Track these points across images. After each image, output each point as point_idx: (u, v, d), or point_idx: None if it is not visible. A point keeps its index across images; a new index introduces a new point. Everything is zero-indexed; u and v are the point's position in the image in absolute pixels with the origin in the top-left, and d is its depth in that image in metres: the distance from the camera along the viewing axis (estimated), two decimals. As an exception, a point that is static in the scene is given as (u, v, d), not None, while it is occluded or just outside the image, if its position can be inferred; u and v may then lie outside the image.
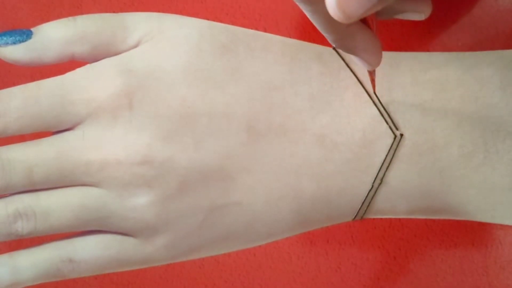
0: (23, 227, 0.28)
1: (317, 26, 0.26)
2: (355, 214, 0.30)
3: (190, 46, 0.29)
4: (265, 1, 0.39)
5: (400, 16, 0.29)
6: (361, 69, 0.30)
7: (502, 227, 0.35)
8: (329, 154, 0.29)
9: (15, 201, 0.29)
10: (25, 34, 0.29)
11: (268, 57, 0.30)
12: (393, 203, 0.30)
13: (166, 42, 0.29)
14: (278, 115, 0.29)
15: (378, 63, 0.27)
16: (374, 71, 0.28)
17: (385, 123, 0.29)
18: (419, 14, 0.29)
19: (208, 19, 0.30)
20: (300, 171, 0.29)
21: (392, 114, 0.29)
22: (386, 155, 0.29)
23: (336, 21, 0.24)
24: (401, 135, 0.29)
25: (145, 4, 0.41)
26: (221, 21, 0.30)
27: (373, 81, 0.29)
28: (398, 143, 0.29)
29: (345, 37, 0.26)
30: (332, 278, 0.38)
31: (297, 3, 0.24)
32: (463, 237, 0.36)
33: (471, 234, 0.36)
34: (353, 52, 0.26)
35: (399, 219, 0.37)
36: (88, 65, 0.29)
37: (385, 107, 0.29)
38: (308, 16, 0.25)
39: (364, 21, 0.26)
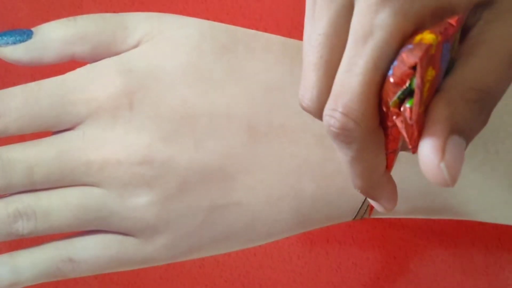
0: (23, 227, 0.28)
1: (352, 173, 0.24)
2: (355, 214, 0.30)
3: (190, 46, 0.29)
4: (265, 1, 0.39)
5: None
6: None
7: (502, 227, 0.35)
8: (329, 154, 0.29)
9: (15, 201, 0.29)
10: (25, 34, 0.29)
11: (268, 57, 0.30)
12: (393, 203, 0.30)
13: (166, 42, 0.29)
14: (278, 116, 0.29)
15: (393, 208, 0.26)
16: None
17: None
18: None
19: (208, 19, 0.30)
20: (300, 171, 0.29)
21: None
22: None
23: (373, 170, 0.23)
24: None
25: (145, 4, 0.41)
26: (221, 21, 0.30)
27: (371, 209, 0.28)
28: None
29: (376, 186, 0.24)
30: (332, 278, 0.38)
31: (337, 147, 0.22)
32: (463, 237, 0.36)
33: (471, 234, 0.36)
34: (376, 200, 0.25)
35: (399, 219, 0.37)
36: (88, 65, 0.29)
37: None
38: (343, 160, 0.23)
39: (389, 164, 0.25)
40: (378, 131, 0.22)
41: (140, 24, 0.29)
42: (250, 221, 0.29)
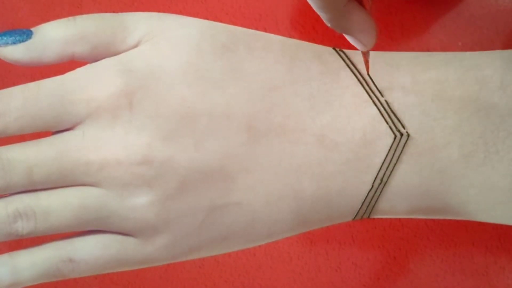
0: (23, 227, 0.28)
1: (313, 4, 0.25)
2: (355, 214, 0.30)
3: (190, 46, 0.29)
4: (265, 1, 0.39)
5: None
6: (362, 69, 0.30)
7: (502, 227, 0.35)
8: (329, 154, 0.29)
9: (15, 201, 0.29)
10: (25, 34, 0.29)
11: (268, 57, 0.30)
12: (393, 203, 0.30)
13: (166, 42, 0.29)
14: (278, 115, 0.29)
15: (372, 44, 0.27)
16: (368, 52, 0.28)
17: (385, 123, 0.29)
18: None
19: (208, 19, 0.30)
20: (300, 171, 0.29)
21: (392, 114, 0.29)
22: (386, 155, 0.29)
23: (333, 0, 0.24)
24: (401, 134, 0.29)
25: (145, 4, 0.41)
26: (221, 21, 0.30)
27: (367, 62, 0.28)
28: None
29: (341, 16, 0.26)
30: (332, 278, 0.38)
31: None
32: (463, 237, 0.36)
33: (471, 234, 0.36)
34: (348, 32, 0.26)
35: (399, 219, 0.37)
36: (88, 65, 0.29)
37: (385, 107, 0.29)
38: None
39: (359, 1, 0.26)
40: None
41: (140, 24, 0.29)
42: (250, 221, 0.29)
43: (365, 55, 0.28)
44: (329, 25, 0.26)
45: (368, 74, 0.29)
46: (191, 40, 0.29)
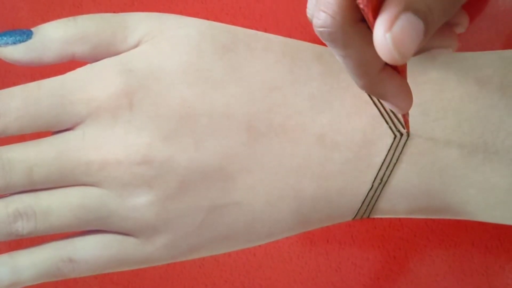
0: (23, 227, 0.28)
1: (349, 71, 0.24)
2: (355, 214, 0.30)
3: (190, 46, 0.29)
4: (265, 1, 0.39)
5: (428, 53, 0.29)
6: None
7: (502, 227, 0.35)
8: (329, 154, 0.29)
9: (15, 201, 0.29)
10: (25, 34, 0.29)
11: (268, 57, 0.30)
12: (393, 203, 0.30)
13: (166, 42, 0.29)
14: (278, 115, 0.29)
15: (409, 108, 0.26)
16: (408, 113, 0.27)
17: (385, 123, 0.29)
18: (447, 49, 0.28)
19: (208, 19, 0.30)
20: (300, 171, 0.29)
21: (392, 114, 0.29)
22: (386, 155, 0.29)
23: (368, 66, 0.24)
24: (401, 134, 0.29)
25: (145, 4, 0.41)
26: (221, 21, 0.30)
27: (406, 122, 0.28)
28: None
29: (377, 82, 0.25)
30: (332, 278, 0.38)
31: (330, 47, 0.24)
32: (463, 237, 0.36)
33: (471, 234, 0.36)
34: (384, 98, 0.25)
35: (399, 219, 0.37)
36: (88, 65, 0.29)
37: (386, 107, 0.29)
38: (340, 61, 0.24)
39: (394, 66, 0.25)
40: (360, 25, 0.23)
41: (140, 24, 0.29)
42: (250, 221, 0.29)
43: (405, 116, 0.28)
44: (364, 90, 0.26)
45: (408, 133, 0.29)
46: (191, 40, 0.29)
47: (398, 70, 0.25)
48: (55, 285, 0.32)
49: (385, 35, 0.20)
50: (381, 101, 0.27)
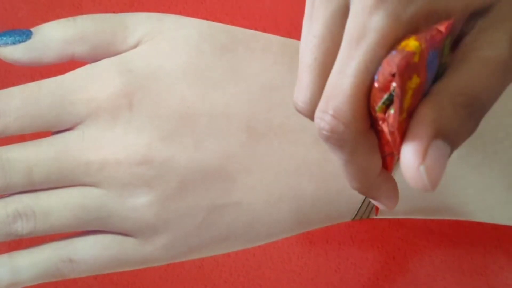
0: (22, 227, 0.28)
1: (346, 174, 0.24)
2: (355, 214, 0.30)
3: (190, 46, 0.29)
4: (265, 1, 0.39)
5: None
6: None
7: (501, 227, 0.35)
8: (328, 155, 0.29)
9: (15, 201, 0.29)
10: (25, 34, 0.29)
11: (268, 57, 0.30)
12: (392, 203, 0.30)
13: (166, 43, 0.29)
14: (277, 115, 0.29)
15: (395, 206, 0.25)
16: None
17: (384, 124, 0.29)
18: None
19: (208, 20, 0.30)
20: (300, 171, 0.29)
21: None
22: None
23: (369, 172, 0.23)
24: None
25: (145, 4, 0.41)
26: (221, 22, 0.30)
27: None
28: None
29: (373, 187, 0.24)
30: (332, 278, 0.38)
31: (331, 151, 0.22)
32: (462, 237, 0.36)
33: (471, 234, 0.36)
34: (375, 199, 0.25)
35: (399, 219, 0.37)
36: (88, 65, 0.29)
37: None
38: (339, 164, 0.23)
39: (385, 165, 0.24)
40: (370, 134, 0.22)
41: (140, 24, 0.29)
42: (249, 221, 0.29)
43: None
44: (357, 191, 0.25)
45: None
46: (191, 40, 0.29)
47: (386, 166, 0.25)
48: (55, 285, 0.32)
49: (419, 167, 0.20)
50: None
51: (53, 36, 0.29)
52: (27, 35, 0.29)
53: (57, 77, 0.29)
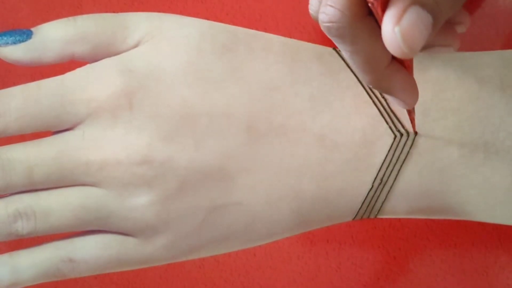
0: (23, 227, 0.28)
1: (355, 67, 0.25)
2: (355, 214, 0.30)
3: (190, 46, 0.29)
4: (265, 1, 0.39)
5: (429, 51, 0.29)
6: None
7: (502, 227, 0.35)
8: (329, 154, 0.29)
9: (15, 201, 0.29)
10: (25, 34, 0.29)
11: (268, 57, 0.30)
12: (393, 203, 0.30)
13: (166, 42, 0.29)
14: (278, 115, 0.29)
15: (415, 103, 0.26)
16: (413, 109, 0.28)
17: (385, 123, 0.29)
18: (448, 48, 0.28)
19: (208, 19, 0.30)
20: (301, 171, 0.29)
21: (392, 114, 0.29)
22: (386, 155, 0.29)
23: (375, 61, 0.24)
24: (401, 134, 0.29)
25: (145, 4, 0.41)
26: (221, 21, 0.30)
27: (413, 120, 0.28)
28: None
29: (384, 77, 0.25)
30: (332, 278, 0.38)
31: (336, 43, 0.24)
32: (463, 237, 0.36)
33: (471, 234, 0.36)
34: (390, 93, 0.26)
35: (399, 219, 0.37)
36: (88, 65, 0.29)
37: (385, 107, 0.29)
38: (346, 57, 0.25)
39: (400, 60, 0.25)
40: (368, 20, 0.23)
41: (140, 24, 0.29)
42: (250, 221, 0.29)
43: (411, 112, 0.28)
44: (370, 86, 0.26)
45: (415, 131, 0.29)
46: (191, 40, 0.29)
47: (404, 65, 0.25)
48: (55, 285, 0.32)
49: (394, 29, 0.21)
50: (386, 97, 0.27)
51: (53, 36, 0.29)
52: (28, 35, 0.29)
53: (57, 77, 0.29)
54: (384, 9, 0.21)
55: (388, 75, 0.25)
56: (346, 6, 0.22)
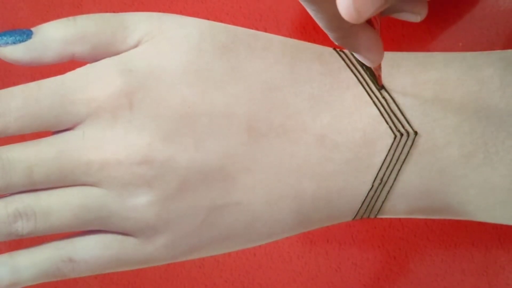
0: (23, 227, 0.28)
1: (321, 24, 0.26)
2: (355, 214, 0.30)
3: (190, 46, 0.29)
4: (265, 1, 0.39)
5: (397, 15, 0.29)
6: (361, 70, 0.30)
7: (502, 227, 0.35)
8: (329, 154, 0.29)
9: (15, 201, 0.29)
10: (25, 34, 0.29)
11: (268, 57, 0.30)
12: (393, 203, 0.30)
13: (166, 42, 0.29)
14: (278, 115, 0.29)
15: (379, 61, 0.27)
16: (379, 66, 0.28)
17: (385, 123, 0.29)
18: (415, 16, 0.29)
19: (208, 19, 0.30)
20: (301, 171, 0.29)
21: (392, 114, 0.29)
22: (386, 155, 0.29)
23: (340, 20, 0.24)
24: (401, 134, 0.29)
25: (145, 4, 0.41)
26: (221, 21, 0.30)
27: (379, 76, 0.29)
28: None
29: (349, 35, 0.26)
30: (332, 278, 0.38)
31: (301, 2, 0.24)
32: (463, 237, 0.36)
33: (471, 234, 0.36)
34: (355, 50, 0.26)
35: (399, 219, 0.37)
36: (88, 65, 0.29)
37: (386, 107, 0.29)
38: (312, 15, 0.25)
39: (368, 21, 0.26)
40: None
41: (140, 24, 0.29)
42: (250, 221, 0.29)
43: (377, 69, 0.28)
44: (337, 43, 0.26)
45: (381, 87, 0.29)
46: (191, 40, 0.29)
47: (371, 23, 0.26)
48: (55, 285, 0.32)
49: None
50: (354, 54, 0.28)
51: (53, 36, 0.29)
52: (28, 34, 0.29)
53: (57, 77, 0.29)
54: None
55: (354, 33, 0.25)
56: None
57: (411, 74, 0.30)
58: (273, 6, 0.38)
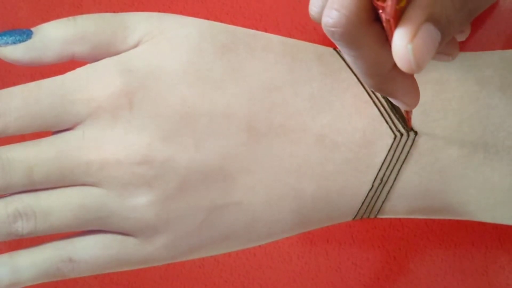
0: (23, 227, 0.28)
1: (357, 71, 0.25)
2: (355, 214, 0.30)
3: (190, 46, 0.29)
4: (265, 1, 0.39)
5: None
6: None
7: (502, 227, 0.35)
8: (329, 154, 0.29)
9: (15, 201, 0.29)
10: (25, 34, 0.29)
11: (268, 57, 0.30)
12: (393, 203, 0.30)
13: (166, 42, 0.29)
14: (278, 115, 0.29)
15: (416, 104, 0.26)
16: (411, 110, 0.28)
17: (385, 123, 0.29)
18: (448, 57, 0.28)
19: (208, 19, 0.30)
20: (301, 171, 0.29)
21: (392, 115, 0.29)
22: (386, 155, 0.29)
23: (379, 66, 0.24)
24: (401, 134, 0.29)
25: (145, 4, 0.41)
26: (221, 21, 0.30)
27: (409, 119, 0.28)
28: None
29: (386, 81, 0.25)
30: (332, 278, 0.38)
31: (340, 47, 0.23)
32: (463, 237, 0.36)
33: (471, 234, 0.36)
34: (392, 96, 0.26)
35: (399, 219, 0.37)
36: (88, 65, 0.29)
37: (386, 107, 0.29)
38: (349, 61, 0.24)
39: None
40: (374, 26, 0.23)
41: (140, 24, 0.29)
42: (250, 221, 0.29)
43: (408, 112, 0.28)
44: (373, 89, 0.26)
45: (410, 128, 0.29)
46: (191, 40, 0.29)
47: None
48: (55, 285, 0.32)
49: (406, 45, 0.21)
50: (389, 98, 0.27)
51: (53, 36, 0.29)
52: (28, 34, 0.29)
53: (57, 77, 0.29)
54: (397, 23, 0.21)
55: (391, 79, 0.25)
56: (352, 11, 0.22)
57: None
58: (273, 6, 0.38)
